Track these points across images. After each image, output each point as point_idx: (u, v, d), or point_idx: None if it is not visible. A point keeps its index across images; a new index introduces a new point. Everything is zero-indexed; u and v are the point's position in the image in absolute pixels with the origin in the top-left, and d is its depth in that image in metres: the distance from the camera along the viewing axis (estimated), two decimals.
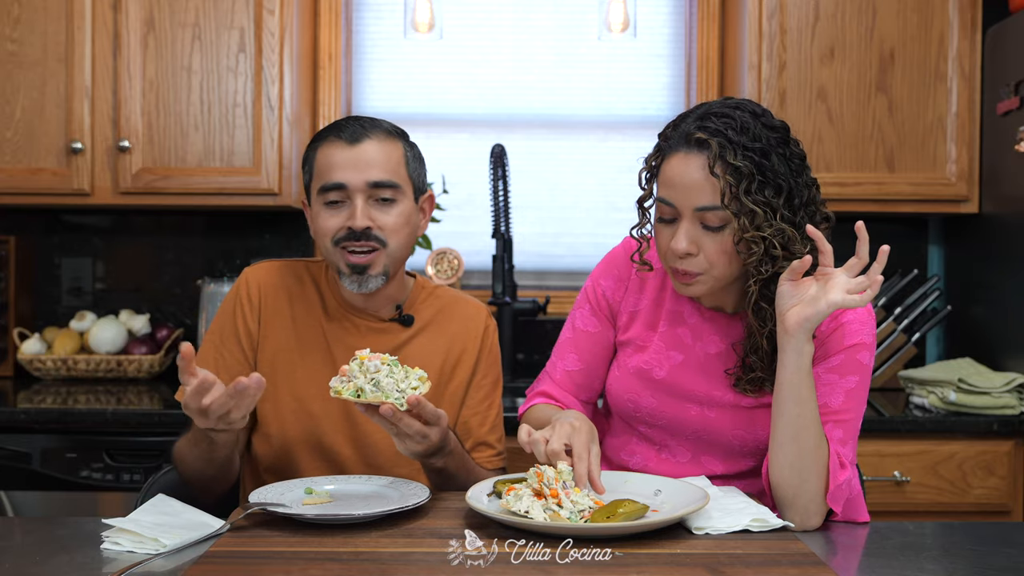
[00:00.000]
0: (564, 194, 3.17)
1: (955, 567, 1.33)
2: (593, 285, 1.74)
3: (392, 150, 1.68)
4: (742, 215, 1.46)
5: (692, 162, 1.48)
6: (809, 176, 1.55)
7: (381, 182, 1.65)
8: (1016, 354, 2.58)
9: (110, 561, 1.28)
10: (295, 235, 3.09)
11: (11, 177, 2.71)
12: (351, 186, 1.64)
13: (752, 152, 1.47)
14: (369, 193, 1.65)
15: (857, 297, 1.42)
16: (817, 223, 1.54)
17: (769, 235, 1.47)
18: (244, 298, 1.75)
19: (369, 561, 1.26)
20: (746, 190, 1.46)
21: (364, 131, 1.67)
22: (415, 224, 1.72)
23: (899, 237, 3.07)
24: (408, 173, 1.70)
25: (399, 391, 1.44)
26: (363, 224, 1.63)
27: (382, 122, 1.71)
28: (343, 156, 1.65)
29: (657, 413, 1.66)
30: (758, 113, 1.51)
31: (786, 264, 1.48)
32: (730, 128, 1.47)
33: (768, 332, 1.54)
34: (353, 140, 1.66)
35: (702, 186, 1.47)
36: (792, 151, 1.52)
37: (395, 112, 3.14)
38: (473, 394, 1.77)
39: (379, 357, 1.46)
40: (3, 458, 2.40)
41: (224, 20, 2.71)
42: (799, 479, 1.47)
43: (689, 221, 1.50)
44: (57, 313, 3.06)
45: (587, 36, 3.14)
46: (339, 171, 1.64)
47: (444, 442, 1.55)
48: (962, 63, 2.72)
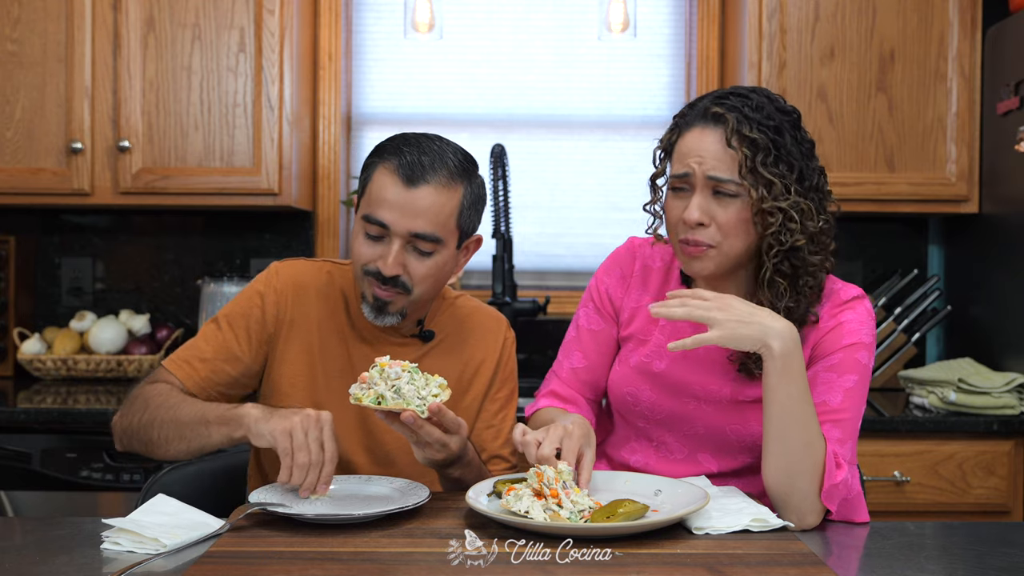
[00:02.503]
0: (564, 194, 3.17)
1: (955, 567, 1.34)
2: (596, 284, 1.76)
3: (447, 200, 1.58)
4: (760, 186, 1.51)
5: (709, 135, 1.54)
6: (818, 163, 1.59)
7: (424, 235, 1.57)
8: (1016, 354, 2.58)
9: (110, 561, 1.28)
10: (295, 235, 3.09)
11: (11, 177, 2.71)
12: (393, 230, 1.58)
13: (767, 128, 1.52)
14: (409, 240, 1.59)
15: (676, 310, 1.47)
16: (827, 210, 1.58)
17: (786, 207, 1.51)
18: (271, 291, 1.71)
19: (369, 561, 1.26)
20: (763, 162, 1.51)
21: (424, 173, 1.57)
22: (449, 271, 1.66)
23: (899, 237, 3.07)
24: (458, 223, 1.61)
25: (420, 398, 1.43)
26: (393, 272, 1.58)
27: (448, 158, 1.60)
28: (395, 195, 1.57)
29: (655, 408, 1.67)
30: (772, 97, 1.57)
31: (803, 238, 1.52)
32: (746, 106, 1.54)
33: (784, 308, 1.55)
34: (410, 182, 1.56)
35: (720, 157, 1.52)
36: (803, 136, 1.57)
37: (395, 112, 3.14)
38: (488, 407, 1.76)
39: (400, 364, 1.44)
40: (3, 458, 2.40)
41: (224, 20, 2.71)
42: (789, 479, 1.47)
43: (702, 192, 1.54)
44: (57, 313, 3.06)
45: (587, 36, 3.14)
46: (387, 210, 1.57)
47: (463, 452, 1.55)
48: (962, 63, 2.72)
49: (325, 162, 3.08)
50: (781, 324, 1.47)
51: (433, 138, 1.64)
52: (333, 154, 3.09)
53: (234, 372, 1.69)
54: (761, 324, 1.45)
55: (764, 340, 1.44)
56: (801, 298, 1.57)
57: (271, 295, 1.71)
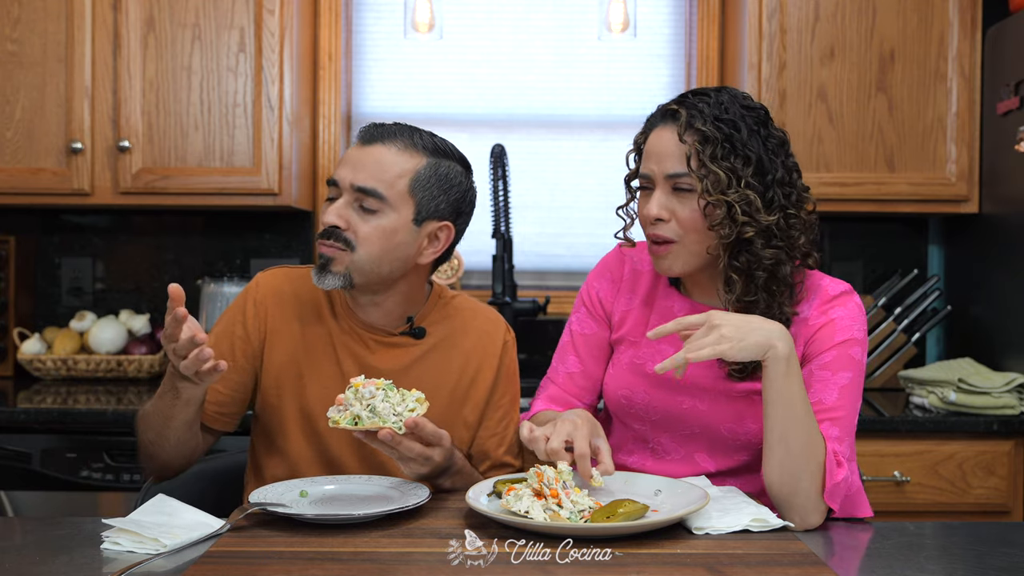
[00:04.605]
0: (564, 194, 3.17)
1: (955, 567, 1.34)
2: (587, 288, 1.79)
3: (400, 161, 1.59)
4: (706, 179, 1.52)
5: (665, 133, 1.58)
6: (790, 160, 1.59)
7: (365, 188, 1.57)
8: (1016, 354, 2.58)
9: (110, 561, 1.28)
10: (295, 235, 3.09)
11: (11, 177, 2.71)
12: (340, 184, 1.60)
13: (721, 123, 1.54)
14: (354, 196, 1.59)
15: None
16: (795, 205, 1.57)
17: (732, 200, 1.51)
18: (251, 304, 1.70)
19: (369, 561, 1.26)
20: (711, 155, 1.52)
21: (380, 136, 1.61)
22: (403, 243, 1.61)
23: (899, 237, 3.07)
24: (411, 190, 1.60)
25: (396, 414, 1.44)
26: (331, 221, 1.58)
27: (417, 133, 1.63)
28: (351, 154, 1.62)
29: (650, 407, 1.67)
30: (736, 94, 1.59)
31: (751, 230, 1.52)
32: (701, 102, 1.56)
33: (735, 302, 1.55)
34: (366, 140, 1.61)
35: (672, 153, 1.56)
36: (770, 132, 1.58)
37: (395, 112, 3.14)
38: (491, 414, 1.74)
39: (374, 383, 1.45)
40: (3, 458, 2.40)
41: (224, 20, 2.71)
42: (792, 480, 1.47)
43: (662, 188, 1.58)
44: (57, 313, 3.06)
45: (587, 36, 3.14)
46: (339, 168, 1.61)
47: (449, 462, 1.55)
48: (962, 63, 2.72)
49: (325, 162, 3.08)
50: (777, 326, 1.47)
51: (419, 127, 1.67)
52: (333, 154, 3.09)
53: (225, 391, 1.69)
54: (762, 329, 1.45)
55: (771, 343, 1.44)
56: (762, 294, 1.55)
57: (251, 308, 1.70)
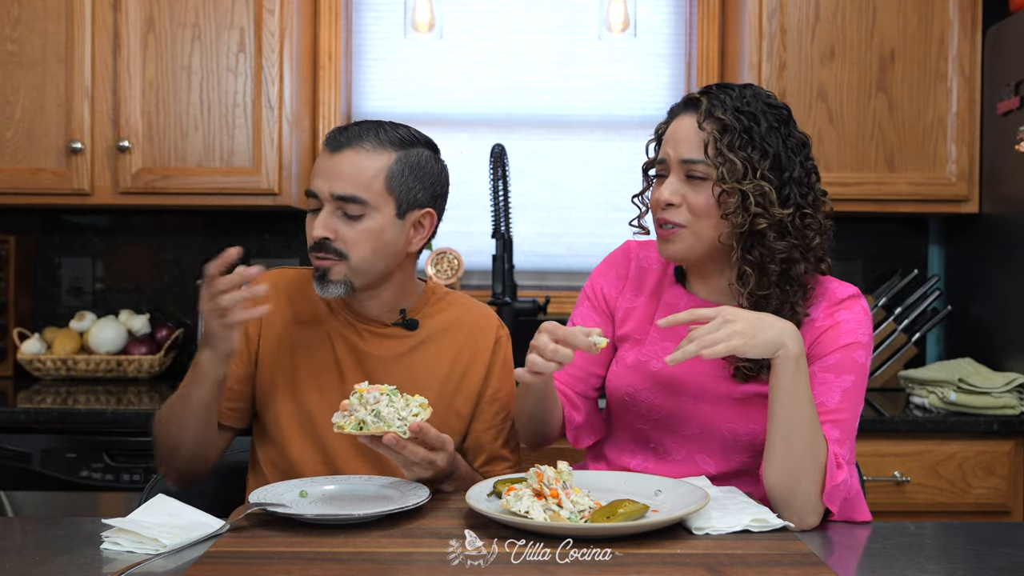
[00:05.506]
0: (564, 194, 3.17)
1: (955, 567, 1.34)
2: (592, 284, 1.78)
3: (372, 163, 1.62)
4: (722, 167, 1.53)
5: (685, 119, 1.59)
6: (809, 162, 1.60)
7: (345, 196, 1.61)
8: (1016, 354, 2.58)
9: (110, 561, 1.28)
10: (295, 235, 3.09)
11: (11, 177, 2.71)
12: (320, 195, 1.63)
13: (742, 114, 1.55)
14: (336, 205, 1.62)
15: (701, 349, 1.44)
16: (812, 205, 1.57)
17: (747, 189, 1.52)
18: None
19: (369, 561, 1.26)
20: (729, 144, 1.53)
21: (348, 141, 1.63)
22: (392, 239, 1.65)
23: (899, 237, 3.07)
24: (388, 187, 1.63)
25: (400, 419, 1.45)
26: (320, 234, 1.62)
27: (382, 130, 1.66)
28: (323, 164, 1.64)
29: (653, 407, 1.66)
30: (761, 93, 1.60)
31: (763, 222, 1.51)
32: (725, 93, 1.58)
33: (748, 296, 1.55)
34: (334, 148, 1.64)
35: (691, 139, 1.57)
36: (791, 131, 1.58)
37: (395, 112, 3.14)
38: (487, 408, 1.75)
39: (378, 388, 1.47)
40: (3, 458, 2.40)
41: (224, 20, 2.71)
42: (793, 480, 1.47)
43: (676, 174, 1.58)
44: (57, 313, 3.06)
45: (587, 36, 3.14)
46: (315, 179, 1.64)
47: (452, 467, 1.56)
48: (962, 63, 2.72)
49: None
50: (789, 325, 1.47)
51: (379, 120, 1.69)
52: None
53: (235, 386, 1.72)
54: (774, 327, 1.45)
55: (782, 341, 1.45)
56: (775, 290, 1.55)
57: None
